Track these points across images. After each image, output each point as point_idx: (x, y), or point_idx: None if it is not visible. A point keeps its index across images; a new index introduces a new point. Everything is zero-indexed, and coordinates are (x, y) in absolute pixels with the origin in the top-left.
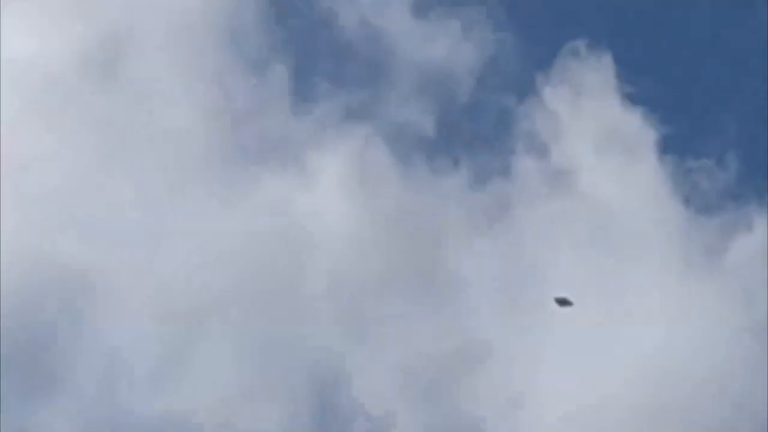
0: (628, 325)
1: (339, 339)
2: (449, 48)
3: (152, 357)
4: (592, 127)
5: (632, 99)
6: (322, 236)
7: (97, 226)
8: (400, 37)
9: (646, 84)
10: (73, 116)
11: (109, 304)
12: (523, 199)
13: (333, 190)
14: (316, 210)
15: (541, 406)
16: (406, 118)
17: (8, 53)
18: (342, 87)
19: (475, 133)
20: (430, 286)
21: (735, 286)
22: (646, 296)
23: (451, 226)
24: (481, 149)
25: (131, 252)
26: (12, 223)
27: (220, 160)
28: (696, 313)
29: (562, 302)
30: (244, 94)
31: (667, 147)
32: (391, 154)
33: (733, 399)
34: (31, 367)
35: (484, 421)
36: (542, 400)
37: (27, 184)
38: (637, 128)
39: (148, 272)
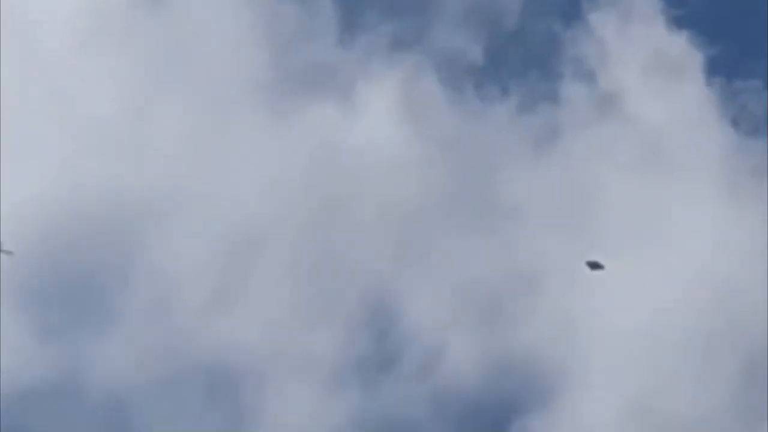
0: (677, 246)
1: (391, 267)
2: None
3: (206, 284)
4: (639, 51)
5: (679, 22)
6: (373, 165)
7: (151, 154)
8: None
9: (693, 6)
10: (125, 46)
11: (163, 232)
12: (571, 124)
13: (382, 119)
14: (366, 139)
15: (594, 330)
16: (454, 47)
17: None
18: (389, 16)
19: (522, 59)
20: (481, 212)
21: None
22: (693, 217)
23: (500, 153)
24: (528, 76)
25: (184, 180)
26: (66, 151)
27: (270, 91)
28: (742, 232)
29: (594, 266)
30: (293, 25)
31: (714, 69)
32: (439, 83)
33: None
34: (86, 295)
35: (537, 348)
36: (595, 323)
37: (81, 112)
38: (683, 51)
39: (202, 200)
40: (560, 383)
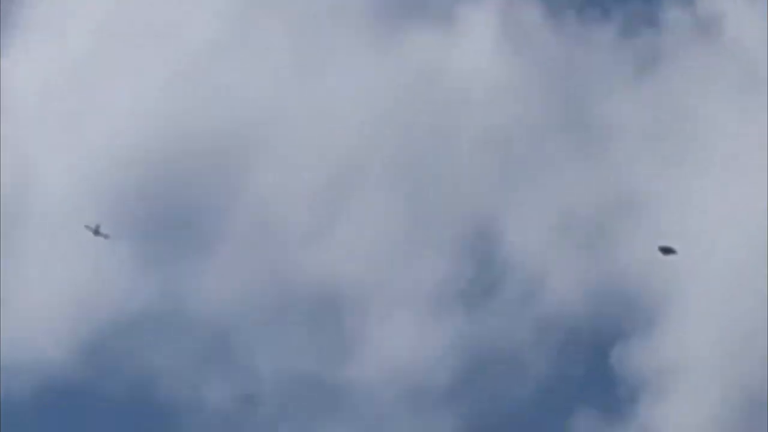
0: None
1: (492, 193)
2: None
3: (309, 213)
4: None
5: None
6: (475, 90)
7: (252, 84)
8: None
9: None
10: None
11: (266, 161)
12: (671, 48)
13: (483, 44)
14: (467, 64)
15: (695, 254)
16: None
17: None
18: None
19: None
20: (581, 137)
21: None
22: None
23: (601, 77)
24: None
25: (286, 110)
26: (169, 82)
27: (371, 17)
28: None
29: (666, 251)
30: None
31: None
32: (540, 6)
33: None
34: (189, 224)
35: (639, 273)
36: (696, 247)
37: (181, 42)
38: None
39: (304, 129)
40: (662, 308)
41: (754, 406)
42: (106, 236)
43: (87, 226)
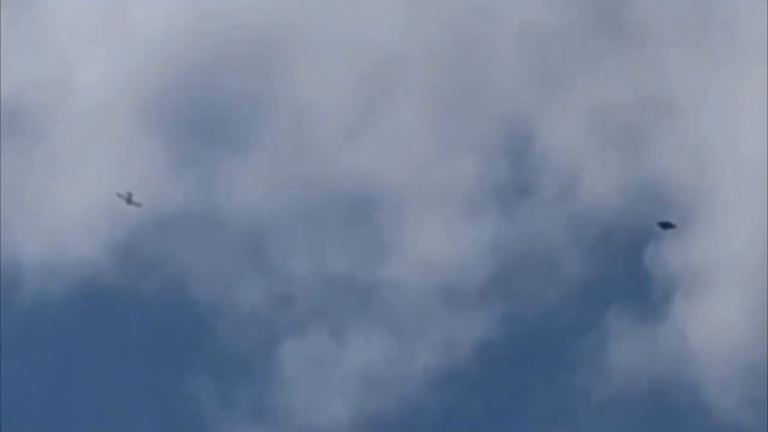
0: None
1: (527, 92)
2: None
3: (344, 113)
4: None
5: None
6: None
7: None
8: None
9: None
10: None
11: (302, 61)
12: None
13: None
14: None
15: (730, 153)
16: None
17: None
18: None
19: None
20: (618, 37)
21: None
22: None
23: None
24: None
25: (323, 10)
26: None
27: None
28: None
29: (665, 225)
30: None
31: None
32: None
33: None
34: (225, 123)
35: (672, 175)
36: (730, 146)
37: None
38: None
39: (339, 30)
40: (697, 207)
41: None
42: (138, 204)
43: (119, 195)
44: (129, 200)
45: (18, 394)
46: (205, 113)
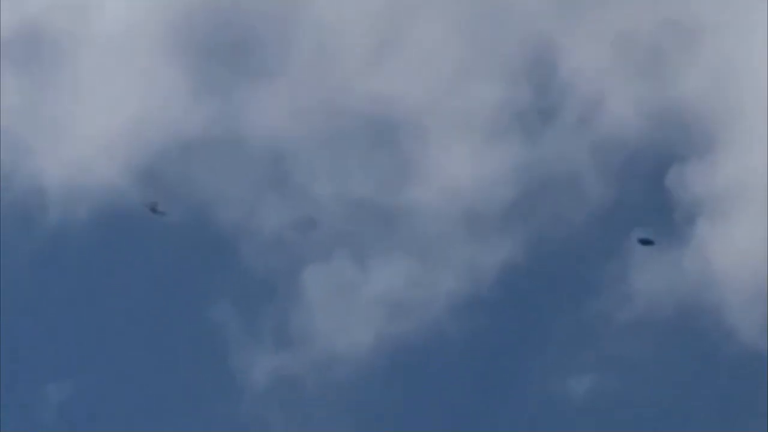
0: None
1: (550, 17)
2: None
3: (367, 38)
4: None
5: None
6: None
7: None
8: None
9: None
10: None
11: None
12: None
13: None
14: None
15: (754, 79)
16: None
17: None
18: None
19: None
20: None
21: None
22: None
23: None
24: None
25: None
26: None
27: None
28: None
29: (645, 242)
30: None
31: None
32: None
33: None
34: (248, 48)
35: (696, 97)
36: (755, 72)
37: None
38: None
39: None
40: (720, 131)
41: None
42: (163, 213)
43: (144, 204)
44: (154, 209)
45: (42, 319)
46: (228, 38)
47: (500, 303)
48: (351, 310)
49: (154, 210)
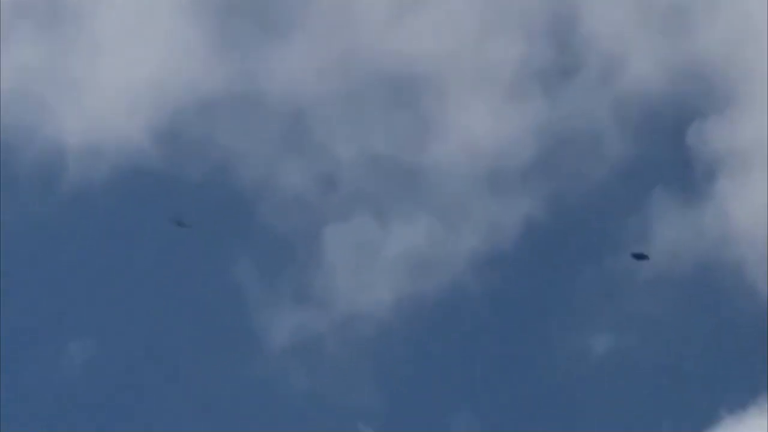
0: None
1: None
2: None
3: None
4: None
5: None
6: None
7: None
8: None
9: None
10: None
11: None
12: None
13: None
14: None
15: None
16: None
17: None
18: None
19: None
20: None
21: None
22: None
23: None
24: None
25: None
26: None
27: None
28: None
29: (639, 257)
30: None
31: None
32: None
33: None
34: (268, 5)
35: (717, 55)
36: None
37: None
38: None
39: None
40: (742, 88)
41: None
42: (189, 226)
43: (170, 219)
44: (180, 223)
45: (62, 278)
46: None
47: (521, 260)
48: (372, 269)
49: (179, 224)
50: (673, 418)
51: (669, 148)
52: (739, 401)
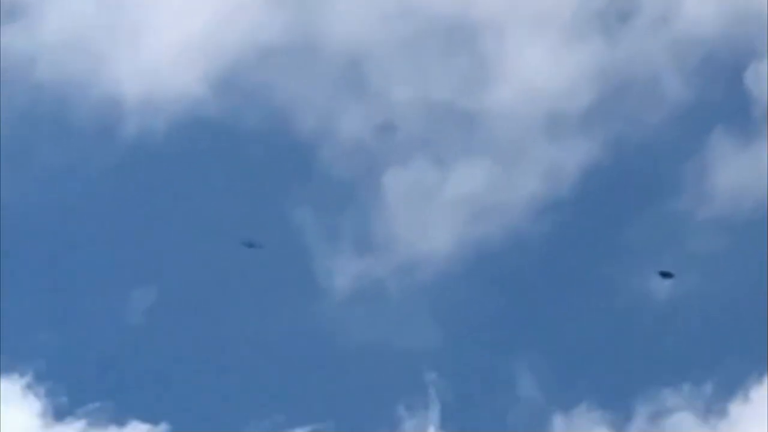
0: None
1: None
2: None
3: None
4: None
5: None
6: None
7: None
8: None
9: None
10: None
11: None
12: None
13: None
14: None
15: None
16: None
17: None
18: None
19: None
20: None
21: None
22: None
23: None
24: None
25: None
26: None
27: None
28: None
29: (665, 275)
30: None
31: None
32: None
33: None
34: None
35: None
36: None
37: None
38: None
39: None
40: None
41: None
42: (261, 246)
43: (241, 242)
44: (251, 245)
45: (122, 228)
46: None
47: (581, 204)
48: (431, 214)
49: (251, 245)
50: (735, 360)
51: (727, 89)
52: None
